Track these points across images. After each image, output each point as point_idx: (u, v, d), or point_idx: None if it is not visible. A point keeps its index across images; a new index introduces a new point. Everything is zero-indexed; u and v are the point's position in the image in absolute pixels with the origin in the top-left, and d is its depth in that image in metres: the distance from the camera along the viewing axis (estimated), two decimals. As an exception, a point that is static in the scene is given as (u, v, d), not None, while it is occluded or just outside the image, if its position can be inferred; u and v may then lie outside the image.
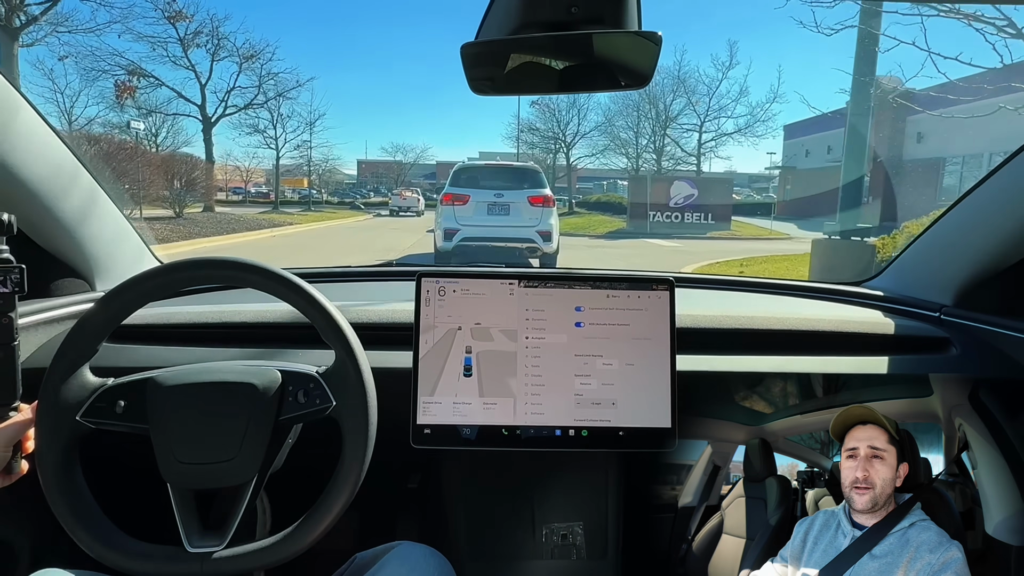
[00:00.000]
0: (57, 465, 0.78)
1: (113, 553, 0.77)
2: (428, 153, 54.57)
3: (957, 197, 1.25)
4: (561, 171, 33.53)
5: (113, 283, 0.97)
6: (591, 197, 31.72)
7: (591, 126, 31.07)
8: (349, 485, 0.80)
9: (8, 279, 0.79)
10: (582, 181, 38.94)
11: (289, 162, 29.90)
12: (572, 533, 1.31)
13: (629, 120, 29.51)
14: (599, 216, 24.01)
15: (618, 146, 30.61)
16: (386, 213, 27.99)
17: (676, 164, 28.83)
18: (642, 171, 29.53)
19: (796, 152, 29.54)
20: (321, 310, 0.84)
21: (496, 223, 8.15)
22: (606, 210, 25.45)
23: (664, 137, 28.58)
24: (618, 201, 25.84)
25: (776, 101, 36.16)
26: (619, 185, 35.72)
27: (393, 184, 40.12)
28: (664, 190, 19.61)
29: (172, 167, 16.53)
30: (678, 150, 28.60)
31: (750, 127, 26.80)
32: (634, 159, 30.61)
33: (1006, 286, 1.22)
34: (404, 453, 1.01)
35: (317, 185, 35.88)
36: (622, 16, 0.74)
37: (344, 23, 75.66)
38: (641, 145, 29.97)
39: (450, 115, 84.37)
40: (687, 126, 28.01)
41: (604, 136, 30.80)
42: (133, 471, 1.06)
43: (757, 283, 1.56)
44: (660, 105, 27.96)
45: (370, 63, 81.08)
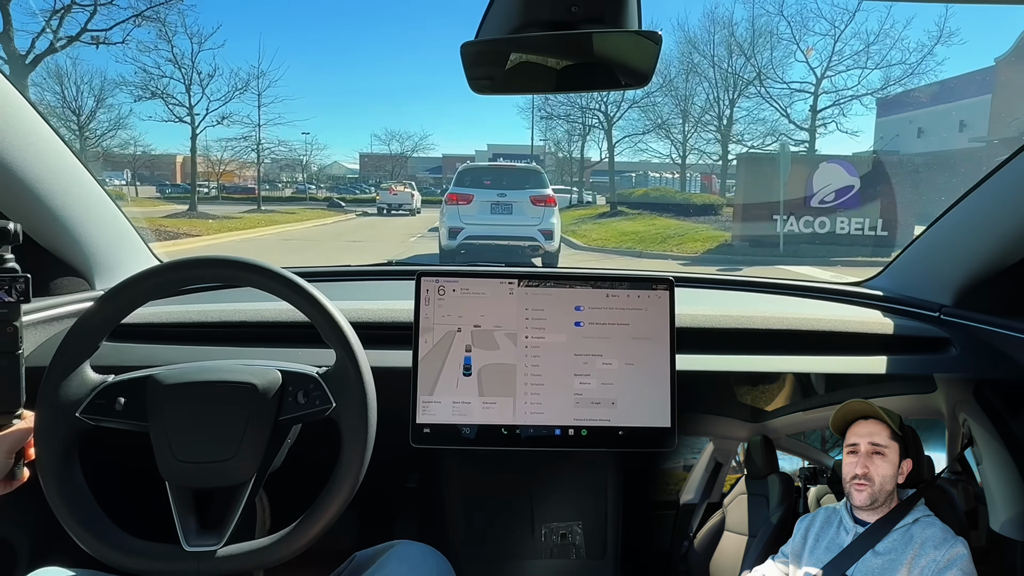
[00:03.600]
0: (56, 462, 0.79)
1: (110, 550, 0.77)
2: (428, 142, 51.39)
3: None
4: (586, 163, 29.48)
5: (113, 282, 0.97)
6: (633, 192, 25.00)
7: (626, 106, 24.34)
8: (347, 486, 0.80)
9: (13, 288, 0.79)
10: (597, 175, 35.65)
11: (221, 143, 24.66)
12: (571, 532, 1.31)
13: (680, 90, 22.75)
14: (666, 219, 16.45)
15: (662, 124, 24.14)
16: (374, 211, 24.48)
17: (758, 143, 21.65)
18: (688, 160, 24.47)
19: (898, 130, 22.70)
20: (322, 310, 0.84)
21: (499, 222, 8.40)
22: (662, 210, 18.11)
23: (736, 103, 21.33)
24: (682, 198, 20.41)
25: (943, 43, 20.86)
26: (650, 177, 31.92)
27: (396, 178, 35.26)
28: (801, 179, 11.69)
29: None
30: (766, 123, 21.51)
31: (901, 81, 18.46)
32: (680, 144, 24.57)
33: (1006, 286, 1.21)
34: (404, 452, 1.01)
35: (314, 178, 32.00)
36: (622, 15, 0.73)
37: (344, 21, 75.40)
38: (696, 117, 23.01)
39: (455, 106, 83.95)
40: (779, 86, 19.74)
41: (643, 116, 24.66)
42: (132, 469, 1.07)
43: (757, 283, 1.55)
44: (736, 55, 20.75)
45: (370, 57, 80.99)
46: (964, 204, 1.22)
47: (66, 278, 1.19)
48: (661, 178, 32.95)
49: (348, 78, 78.31)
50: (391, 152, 41.24)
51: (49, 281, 1.16)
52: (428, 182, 44.79)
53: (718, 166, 24.86)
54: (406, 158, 41.73)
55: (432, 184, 43.25)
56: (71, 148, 1.09)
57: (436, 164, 48.36)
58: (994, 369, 1.17)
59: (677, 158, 25.89)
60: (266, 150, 25.48)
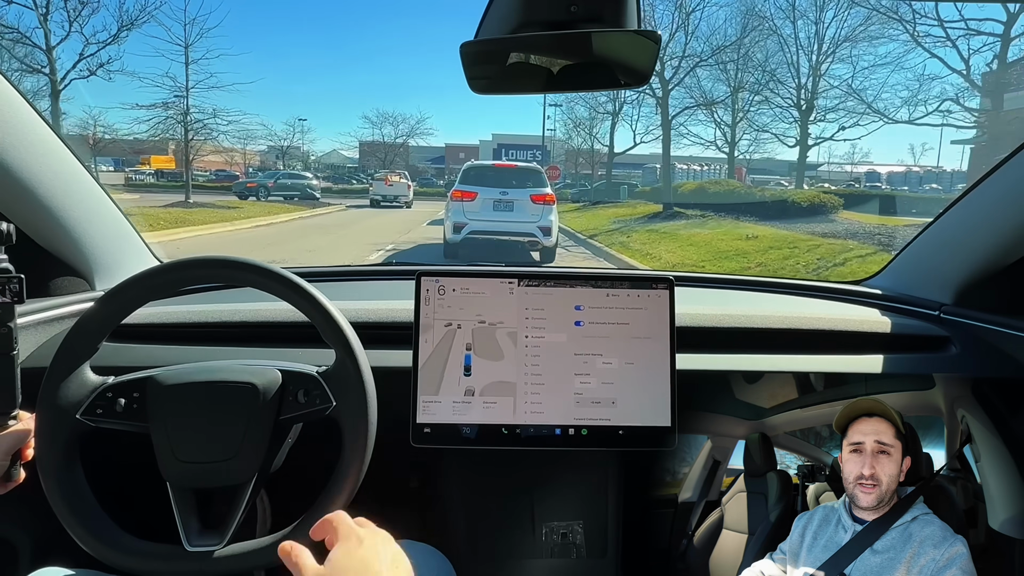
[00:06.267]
0: (57, 463, 0.79)
1: (111, 550, 0.78)
2: (427, 126, 47.41)
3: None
4: (599, 156, 25.37)
5: (113, 282, 0.98)
6: (681, 186, 20.16)
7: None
8: (348, 485, 0.80)
9: (7, 289, 0.79)
10: (620, 168, 31.70)
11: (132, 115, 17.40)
12: (572, 532, 1.31)
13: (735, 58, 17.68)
14: (756, 226, 11.86)
15: (709, 102, 19.35)
16: (366, 203, 22.20)
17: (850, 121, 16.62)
18: (738, 153, 19.62)
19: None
20: (322, 310, 0.84)
21: (501, 218, 8.88)
22: (731, 211, 13.85)
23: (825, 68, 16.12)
24: (760, 195, 15.69)
25: None
26: (677, 170, 26.97)
27: (390, 167, 32.90)
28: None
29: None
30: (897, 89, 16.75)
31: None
32: (726, 128, 19.82)
33: (1006, 284, 1.21)
34: (404, 452, 1.01)
35: (311, 167, 26.79)
36: (621, 15, 0.73)
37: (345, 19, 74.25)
38: (754, 89, 17.94)
39: (458, 94, 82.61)
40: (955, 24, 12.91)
41: (685, 93, 19.54)
42: (133, 469, 1.07)
43: (757, 282, 1.55)
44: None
45: (372, 51, 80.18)
46: (964, 203, 1.22)
47: (66, 278, 1.19)
48: (689, 171, 29.95)
49: (344, 59, 77.14)
50: (383, 137, 39.11)
51: (48, 281, 1.16)
52: (430, 172, 43.57)
53: (768, 155, 20.50)
54: (406, 147, 40.17)
55: (434, 175, 42.21)
56: (71, 148, 1.09)
57: (439, 154, 46.46)
58: (994, 368, 1.17)
59: (724, 144, 20.94)
60: (199, 123, 19.07)
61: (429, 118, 64.13)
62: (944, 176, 31.43)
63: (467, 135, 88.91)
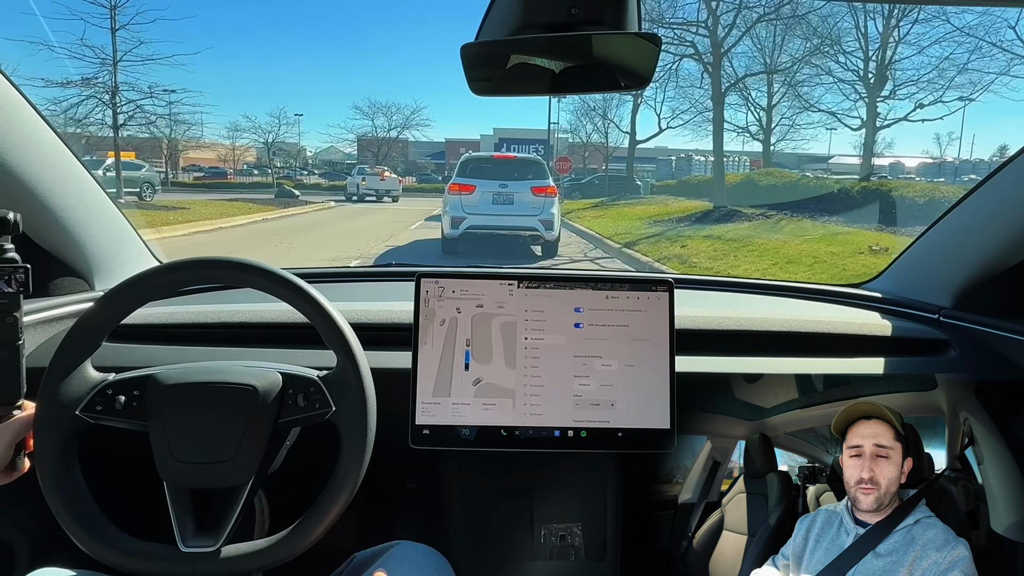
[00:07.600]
0: (55, 460, 0.79)
1: (106, 549, 0.77)
2: (423, 116, 45.22)
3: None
4: (608, 149, 23.02)
5: (112, 283, 0.98)
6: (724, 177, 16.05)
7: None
8: (346, 489, 0.80)
9: (13, 279, 0.79)
10: (641, 161, 28.80)
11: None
12: (571, 534, 1.31)
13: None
14: (860, 231, 9.42)
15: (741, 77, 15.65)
16: (354, 198, 20.95)
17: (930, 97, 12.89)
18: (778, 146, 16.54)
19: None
20: (322, 312, 0.84)
21: (501, 212, 8.57)
22: (803, 210, 11.00)
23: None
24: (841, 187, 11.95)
25: None
26: (694, 162, 25.41)
27: (381, 163, 31.01)
28: None
29: None
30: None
31: None
32: (762, 111, 16.17)
33: (1005, 288, 1.21)
34: (403, 453, 1.01)
35: (308, 163, 24.92)
36: (622, 17, 0.72)
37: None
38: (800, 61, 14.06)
39: (458, 88, 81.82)
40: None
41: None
42: (131, 469, 1.07)
43: (757, 284, 1.55)
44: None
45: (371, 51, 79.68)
46: (963, 206, 1.22)
47: (66, 278, 1.18)
48: (706, 162, 26.60)
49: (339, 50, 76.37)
50: (376, 129, 37.49)
51: (49, 281, 1.16)
52: (429, 168, 43.28)
53: (804, 141, 17.24)
54: (405, 142, 39.18)
55: (434, 171, 41.94)
56: (71, 148, 1.08)
57: (438, 149, 45.77)
58: (994, 371, 1.17)
59: (758, 132, 17.76)
60: (130, 106, 15.57)
61: (425, 108, 58.75)
62: (981, 166, 27.24)
63: (468, 130, 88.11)
